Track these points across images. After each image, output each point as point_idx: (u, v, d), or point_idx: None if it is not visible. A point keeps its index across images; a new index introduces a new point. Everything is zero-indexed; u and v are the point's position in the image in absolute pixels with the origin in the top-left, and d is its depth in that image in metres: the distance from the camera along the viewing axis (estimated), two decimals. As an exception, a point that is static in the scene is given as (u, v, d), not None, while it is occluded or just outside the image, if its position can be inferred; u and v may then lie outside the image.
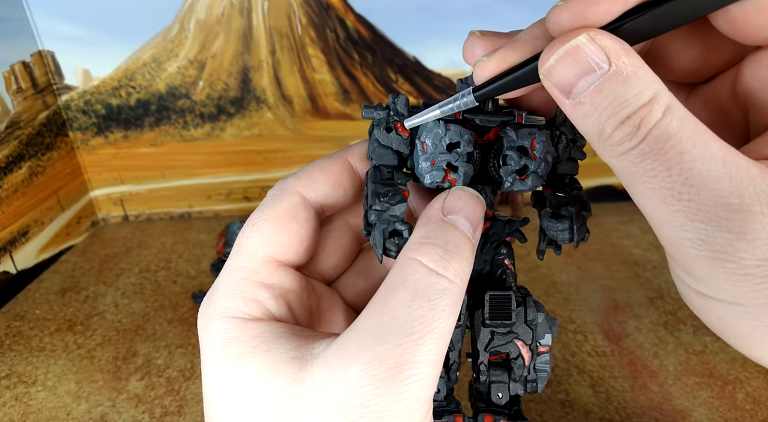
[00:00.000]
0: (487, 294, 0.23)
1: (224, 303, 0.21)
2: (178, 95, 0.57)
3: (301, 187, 0.23)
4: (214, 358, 0.21)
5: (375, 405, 0.18)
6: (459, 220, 0.21)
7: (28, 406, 0.37)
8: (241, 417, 0.20)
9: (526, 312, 0.23)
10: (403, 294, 0.19)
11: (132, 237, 0.59)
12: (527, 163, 0.22)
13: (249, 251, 0.22)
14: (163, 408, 0.37)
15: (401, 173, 0.23)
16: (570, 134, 0.23)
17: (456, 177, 0.22)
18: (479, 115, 0.23)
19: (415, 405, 0.18)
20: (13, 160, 0.50)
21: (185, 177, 0.61)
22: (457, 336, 0.23)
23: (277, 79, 0.57)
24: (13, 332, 0.44)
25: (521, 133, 0.22)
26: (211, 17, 0.54)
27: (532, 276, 0.50)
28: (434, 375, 0.19)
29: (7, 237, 0.49)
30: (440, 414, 0.23)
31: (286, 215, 0.23)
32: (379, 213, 0.22)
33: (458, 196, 0.21)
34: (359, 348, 0.18)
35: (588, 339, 0.42)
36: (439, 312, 0.19)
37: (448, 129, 0.22)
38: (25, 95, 0.51)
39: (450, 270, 0.19)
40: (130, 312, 0.46)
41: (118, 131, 0.58)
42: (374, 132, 0.23)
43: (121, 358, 0.41)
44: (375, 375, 0.18)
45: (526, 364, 0.23)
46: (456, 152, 0.22)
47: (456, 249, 0.20)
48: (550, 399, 0.37)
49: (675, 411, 0.36)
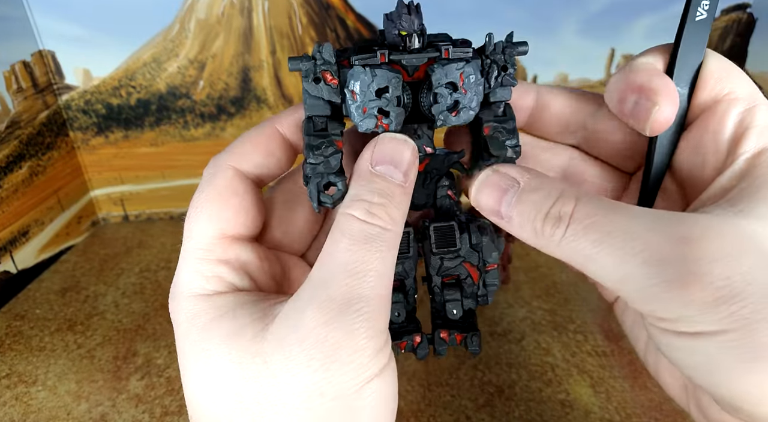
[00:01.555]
0: (430, 225, 0.25)
1: (187, 285, 0.22)
2: (179, 95, 0.57)
3: (234, 161, 0.24)
4: (184, 334, 0.22)
5: (332, 338, 0.19)
6: (387, 169, 0.22)
7: (28, 406, 0.37)
8: (208, 382, 0.21)
9: (470, 237, 0.25)
10: (343, 242, 0.21)
11: (132, 237, 0.59)
12: (458, 98, 0.22)
13: (199, 233, 0.23)
14: (163, 408, 0.37)
15: (335, 123, 0.23)
16: (501, 61, 0.23)
17: (388, 122, 0.22)
18: (404, 55, 0.23)
19: (368, 334, 0.20)
20: (13, 160, 0.50)
21: (185, 177, 0.61)
22: (410, 265, 0.25)
23: (277, 79, 0.57)
24: (13, 332, 0.44)
25: (449, 69, 0.22)
26: (212, 17, 0.54)
27: (532, 276, 0.50)
28: (381, 308, 0.20)
29: (7, 237, 0.49)
30: (401, 335, 0.25)
31: (226, 191, 0.23)
32: (313, 167, 0.22)
33: (384, 144, 0.22)
34: (312, 294, 0.20)
35: (588, 339, 0.42)
36: (375, 252, 0.20)
37: (374, 74, 0.22)
38: (26, 95, 0.51)
39: (379, 219, 0.21)
40: (130, 312, 0.46)
41: (118, 131, 0.58)
42: (303, 83, 0.22)
43: (121, 358, 0.41)
44: (328, 313, 0.19)
45: (475, 282, 0.25)
46: (385, 97, 0.22)
47: (386, 198, 0.21)
48: (550, 399, 0.37)
49: (675, 411, 0.36)
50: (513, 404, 0.37)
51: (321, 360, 0.19)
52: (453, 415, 0.36)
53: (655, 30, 0.54)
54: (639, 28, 0.54)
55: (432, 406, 0.36)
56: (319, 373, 0.19)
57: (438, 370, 0.39)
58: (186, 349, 0.22)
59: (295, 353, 0.19)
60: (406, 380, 0.39)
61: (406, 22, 0.22)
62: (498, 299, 0.47)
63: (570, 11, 0.54)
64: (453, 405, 0.37)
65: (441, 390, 0.38)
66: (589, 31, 0.54)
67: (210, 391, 0.21)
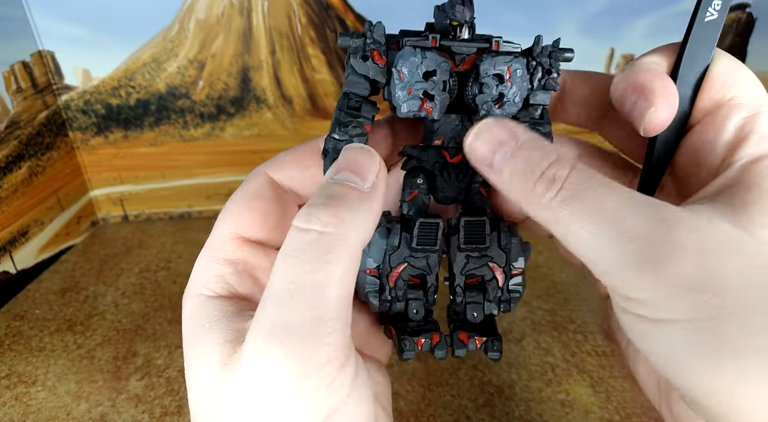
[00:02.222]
0: (462, 219, 0.24)
1: (193, 281, 0.23)
2: (178, 95, 0.57)
3: (271, 168, 0.24)
4: (184, 331, 0.22)
5: (264, 372, 0.18)
6: (345, 176, 0.21)
7: (28, 406, 0.37)
8: (195, 383, 0.21)
9: (500, 237, 0.24)
10: (279, 258, 0.19)
11: (132, 237, 0.59)
12: (503, 91, 0.23)
13: (217, 231, 0.23)
14: (163, 408, 0.37)
15: (369, 106, 0.23)
16: (546, 64, 0.24)
17: (432, 105, 0.22)
18: (455, 42, 0.23)
19: (302, 371, 0.18)
20: (12, 160, 0.50)
21: (185, 177, 0.61)
22: (434, 260, 0.24)
23: (277, 79, 0.57)
24: (13, 332, 0.44)
25: (497, 61, 0.22)
26: (211, 17, 0.54)
27: (532, 276, 0.50)
28: (315, 331, 0.18)
29: (7, 237, 0.49)
30: (419, 333, 0.24)
31: (252, 194, 0.24)
32: (336, 142, 0.22)
33: (345, 154, 0.22)
34: (257, 320, 0.19)
35: (588, 339, 0.42)
36: (309, 263, 0.18)
37: (424, 57, 0.22)
38: (25, 95, 0.51)
39: (318, 221, 0.19)
40: (130, 312, 0.46)
41: (118, 131, 0.58)
42: (350, 60, 0.22)
43: (121, 358, 0.41)
44: (260, 344, 0.18)
45: (499, 286, 0.24)
46: (432, 80, 0.22)
47: (334, 199, 0.20)
48: (550, 399, 0.37)
49: (675, 411, 0.36)
50: (513, 404, 0.37)
51: (259, 400, 0.18)
52: (453, 415, 0.36)
53: (655, 30, 0.54)
54: (639, 28, 0.54)
55: (432, 406, 0.36)
56: (255, 417, 0.18)
57: (438, 370, 0.39)
58: (184, 345, 0.22)
59: (240, 389, 0.19)
60: (406, 380, 0.39)
61: (459, 12, 0.22)
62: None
63: (570, 11, 0.54)
64: (453, 405, 0.37)
65: (441, 390, 0.38)
66: (588, 31, 0.54)
67: (196, 392, 0.21)
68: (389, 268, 0.23)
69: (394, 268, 0.23)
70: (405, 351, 0.23)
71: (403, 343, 0.23)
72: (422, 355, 0.40)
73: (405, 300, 0.24)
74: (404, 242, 0.23)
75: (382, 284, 0.23)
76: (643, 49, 0.24)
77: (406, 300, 0.24)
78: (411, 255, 0.23)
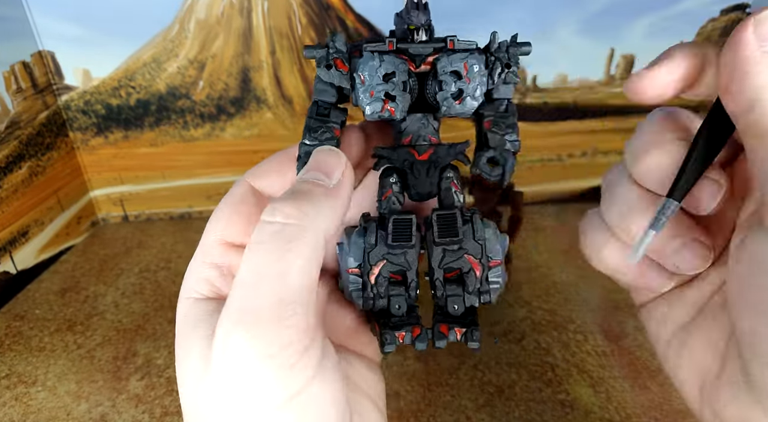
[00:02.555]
0: (433, 213, 0.24)
1: (184, 285, 0.24)
2: (178, 95, 0.57)
3: (251, 177, 0.25)
4: (176, 334, 0.23)
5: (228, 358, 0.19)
6: (312, 175, 0.22)
7: (28, 406, 0.37)
8: (183, 383, 0.21)
9: (474, 230, 0.25)
10: (245, 251, 0.20)
11: (132, 237, 0.59)
12: (462, 87, 0.24)
13: (206, 236, 0.24)
14: (163, 408, 0.37)
15: (338, 112, 0.25)
16: (504, 59, 0.24)
17: (394, 106, 0.24)
18: (412, 44, 0.24)
19: (266, 352, 0.19)
20: (13, 160, 0.50)
21: (185, 177, 0.61)
22: (412, 255, 0.25)
23: (277, 79, 0.57)
24: (13, 332, 0.44)
25: (453, 58, 0.24)
26: (211, 17, 0.54)
27: (533, 276, 0.50)
28: (277, 314, 0.19)
29: (7, 237, 0.49)
30: (400, 327, 0.25)
31: (236, 200, 0.25)
32: (307, 148, 0.24)
33: (314, 157, 0.23)
34: (226, 307, 0.20)
35: (588, 339, 0.42)
36: (272, 253, 0.19)
37: (382, 60, 0.23)
38: (25, 95, 0.51)
39: (281, 213, 0.20)
40: (130, 312, 0.46)
41: (118, 131, 0.58)
42: (317, 70, 0.24)
43: (121, 358, 0.41)
44: (226, 331, 0.19)
45: (477, 277, 0.25)
46: (392, 82, 0.23)
47: (298, 194, 0.21)
48: (550, 399, 0.37)
49: (675, 411, 0.36)
50: (513, 404, 0.37)
51: (228, 380, 0.19)
52: (453, 415, 0.36)
53: (655, 30, 0.54)
54: (639, 28, 0.54)
55: (432, 406, 0.36)
56: (228, 400, 0.19)
57: (438, 370, 0.39)
58: (176, 346, 0.23)
59: (213, 380, 0.19)
60: (406, 380, 0.39)
61: (414, 16, 0.24)
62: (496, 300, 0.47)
63: (570, 11, 0.54)
64: (453, 405, 0.37)
65: (441, 390, 0.38)
66: (588, 31, 0.54)
67: (184, 387, 0.21)
68: (369, 266, 0.24)
69: (374, 266, 0.24)
70: (386, 344, 0.24)
71: (384, 337, 0.24)
72: (423, 355, 0.40)
73: (387, 296, 0.25)
74: (381, 239, 0.24)
75: (365, 282, 0.24)
76: (643, 49, 0.24)
77: (388, 296, 0.25)
78: (389, 252, 0.24)
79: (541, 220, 0.61)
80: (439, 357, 0.41)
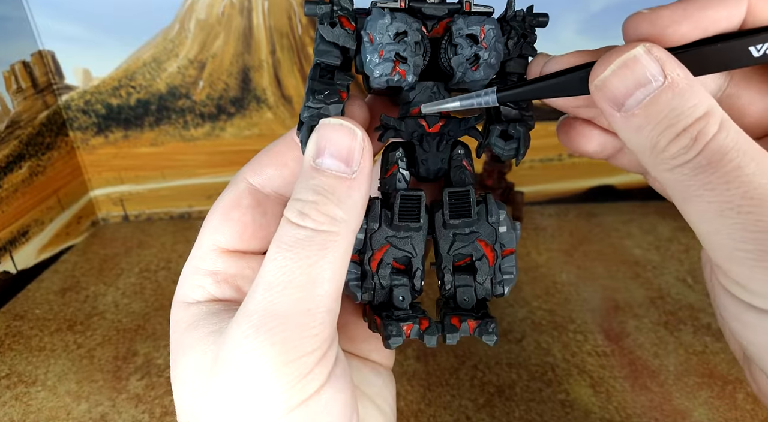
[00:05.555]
0: (445, 191, 0.22)
1: (179, 291, 0.23)
2: (178, 95, 0.57)
3: (249, 173, 0.24)
4: (170, 336, 0.23)
5: (245, 362, 0.18)
6: (326, 162, 0.20)
7: (28, 406, 0.37)
8: (177, 384, 0.21)
9: (488, 211, 0.23)
10: (272, 249, 0.19)
11: (132, 237, 0.59)
12: (478, 52, 0.22)
13: (200, 242, 0.24)
14: (163, 408, 0.37)
15: (343, 74, 0.22)
16: (521, 29, 0.23)
17: (405, 68, 0.21)
18: (425, 4, 0.22)
19: (282, 359, 0.18)
20: (13, 160, 0.50)
21: (185, 177, 0.61)
22: (418, 241, 0.22)
23: (277, 79, 0.57)
24: (13, 332, 0.44)
25: (470, 21, 0.22)
26: (212, 17, 0.54)
27: (533, 276, 0.50)
28: (302, 324, 0.18)
29: (7, 237, 0.49)
30: (406, 319, 0.22)
31: (229, 204, 0.23)
32: (311, 111, 0.21)
33: (323, 132, 0.20)
34: (240, 310, 0.19)
35: (588, 339, 0.42)
36: (302, 259, 0.19)
37: (394, 17, 0.21)
38: (25, 95, 0.51)
39: (311, 220, 0.19)
40: (130, 312, 0.46)
41: (118, 131, 0.58)
42: (318, 28, 0.22)
43: (121, 358, 0.41)
44: (243, 332, 0.18)
45: (491, 265, 0.23)
46: (404, 41, 0.21)
47: (321, 195, 0.19)
48: (550, 399, 0.37)
49: (675, 411, 0.36)
50: (513, 404, 0.37)
51: (239, 389, 0.18)
52: (453, 415, 0.36)
53: (655, 30, 0.54)
54: (639, 28, 0.54)
55: (432, 406, 0.36)
56: (234, 401, 0.19)
57: (438, 370, 0.39)
58: (170, 347, 0.23)
59: (222, 379, 0.19)
60: (406, 380, 0.39)
61: None
62: (498, 298, 0.47)
63: (570, 11, 0.54)
64: (453, 405, 0.37)
65: (441, 390, 0.38)
66: (588, 31, 0.54)
67: (181, 385, 0.21)
68: (371, 251, 0.22)
69: (376, 251, 0.22)
70: (392, 337, 0.22)
71: (389, 330, 0.22)
72: (423, 355, 0.40)
73: (390, 287, 0.22)
74: (385, 221, 0.22)
75: (365, 271, 0.22)
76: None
77: (391, 287, 0.22)
78: (393, 234, 0.22)
79: (541, 220, 0.61)
80: (439, 357, 0.41)
